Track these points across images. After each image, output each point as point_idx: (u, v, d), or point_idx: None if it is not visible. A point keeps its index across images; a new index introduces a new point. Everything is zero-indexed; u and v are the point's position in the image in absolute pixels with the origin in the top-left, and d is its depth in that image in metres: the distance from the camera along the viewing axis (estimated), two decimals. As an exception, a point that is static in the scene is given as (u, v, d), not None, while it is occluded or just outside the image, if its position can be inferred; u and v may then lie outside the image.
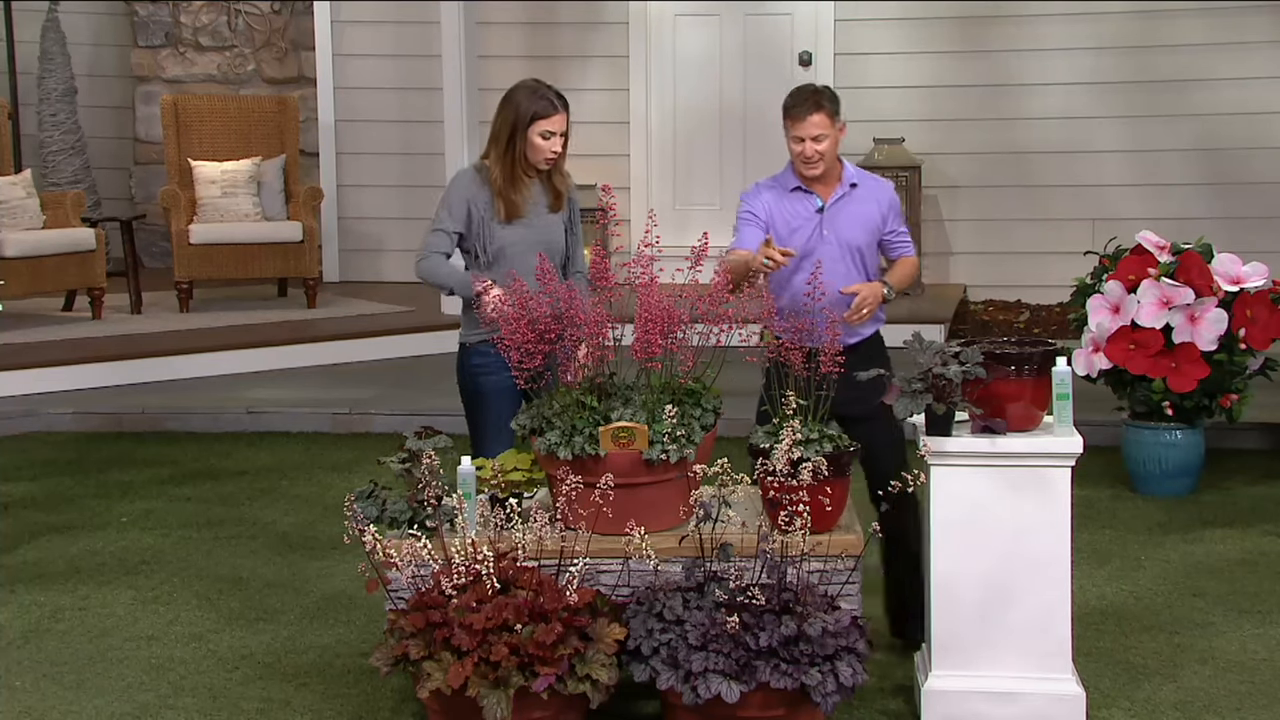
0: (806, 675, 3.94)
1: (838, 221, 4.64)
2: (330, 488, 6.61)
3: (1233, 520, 6.02)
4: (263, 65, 10.99)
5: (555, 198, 4.91)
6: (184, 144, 9.73)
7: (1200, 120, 9.54)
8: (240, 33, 11.00)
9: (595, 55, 10.34)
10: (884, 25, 9.94)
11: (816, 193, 4.64)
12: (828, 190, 4.65)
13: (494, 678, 3.94)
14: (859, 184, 4.68)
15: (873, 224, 4.68)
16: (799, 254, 4.55)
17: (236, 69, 11.02)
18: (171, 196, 9.44)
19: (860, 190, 4.67)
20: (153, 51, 11.12)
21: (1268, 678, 4.49)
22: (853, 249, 4.65)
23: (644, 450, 4.23)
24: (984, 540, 4.17)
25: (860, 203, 4.66)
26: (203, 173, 9.57)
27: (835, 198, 4.64)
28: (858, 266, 4.68)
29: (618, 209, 4.87)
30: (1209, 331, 6.15)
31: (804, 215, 4.64)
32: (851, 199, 4.65)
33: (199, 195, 9.53)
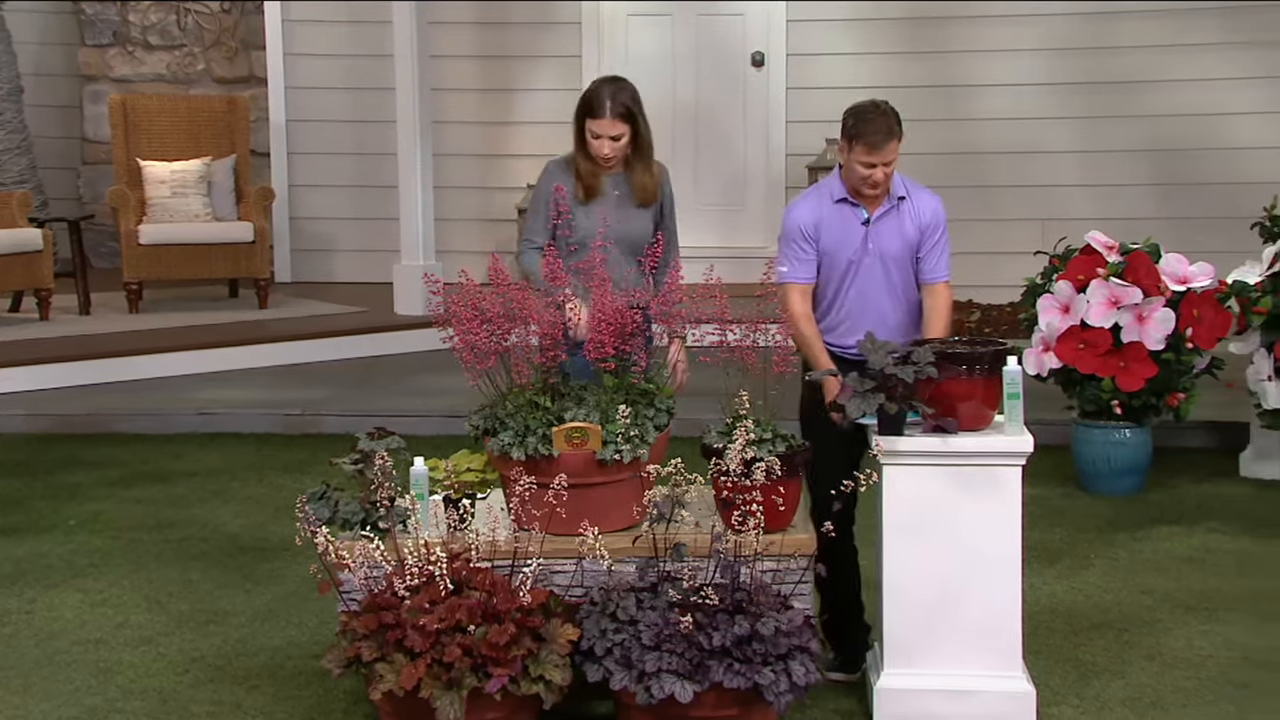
0: (759, 674, 3.95)
1: (881, 235, 4.55)
2: (282, 489, 6.57)
3: (1180, 518, 6.08)
4: (212, 64, 10.91)
5: (640, 191, 4.78)
6: (132, 144, 9.65)
7: (1148, 121, 9.63)
8: (190, 32, 10.91)
9: (547, 55, 10.33)
10: (836, 26, 9.98)
11: (864, 204, 4.55)
12: (875, 203, 4.54)
13: (447, 679, 3.93)
14: (906, 197, 4.57)
15: (910, 239, 4.57)
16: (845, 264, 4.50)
17: (186, 68, 10.93)
18: (120, 196, 9.36)
19: (906, 204, 4.56)
20: (100, 50, 11.01)
21: (1214, 674, 4.54)
22: (893, 261, 4.56)
23: (598, 450, 4.23)
24: (935, 539, 4.19)
25: (904, 216, 4.56)
26: (152, 173, 9.49)
27: (881, 211, 4.54)
28: (900, 277, 4.58)
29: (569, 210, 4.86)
30: (1157, 331, 6.21)
31: (851, 227, 4.53)
32: (897, 213, 4.55)
33: (148, 195, 9.45)
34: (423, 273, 7.40)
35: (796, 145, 9.97)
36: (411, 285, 8.96)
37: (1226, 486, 6.50)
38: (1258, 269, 6.41)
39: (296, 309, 9.61)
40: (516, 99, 10.39)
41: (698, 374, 4.49)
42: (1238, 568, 5.48)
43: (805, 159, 9.79)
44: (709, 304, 4.39)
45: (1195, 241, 7.48)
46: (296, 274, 10.65)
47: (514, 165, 10.32)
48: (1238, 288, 6.37)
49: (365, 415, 7.24)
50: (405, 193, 9.27)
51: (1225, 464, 6.70)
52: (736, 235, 10.18)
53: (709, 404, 4.58)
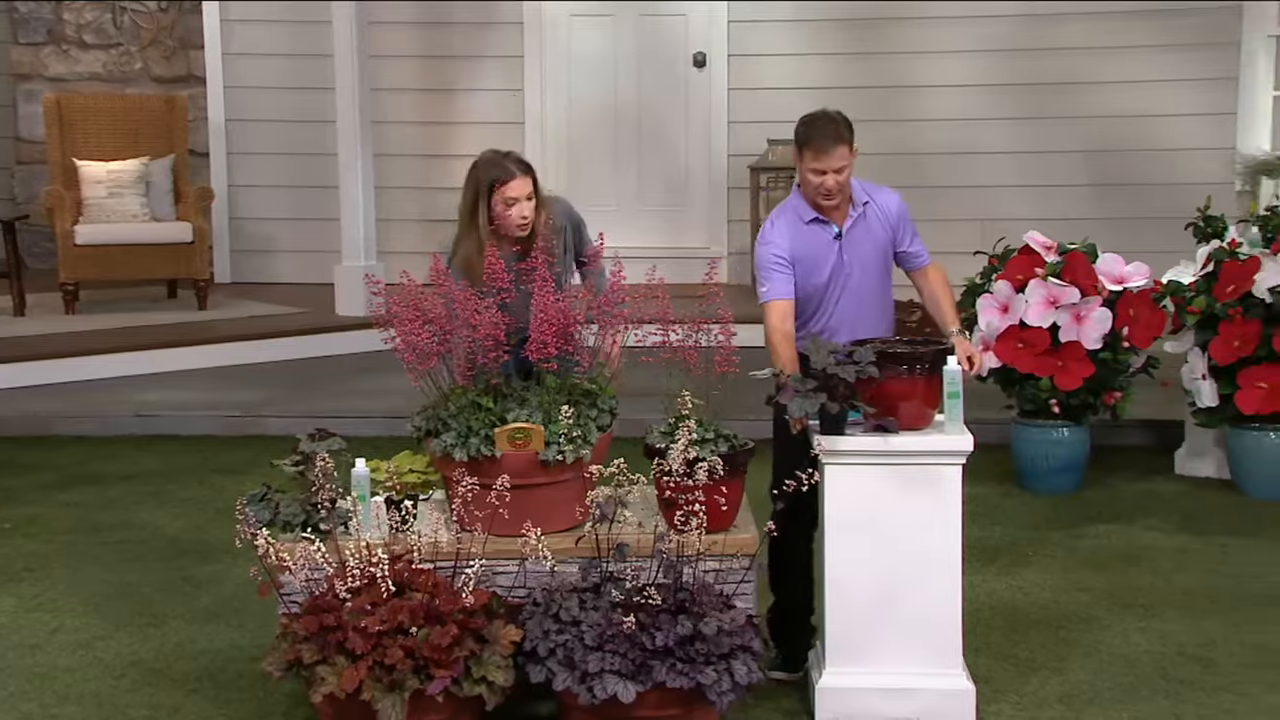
0: (702, 674, 3.96)
1: (854, 245, 4.59)
2: (222, 491, 6.52)
3: (1116, 515, 6.14)
4: (150, 63, 10.81)
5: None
6: (68, 143, 9.54)
7: (1085, 123, 9.74)
8: (126, 30, 10.80)
9: (489, 55, 10.31)
10: (777, 27, 10.03)
11: (832, 219, 4.57)
12: (842, 215, 4.57)
13: (389, 681, 3.92)
14: (869, 201, 4.61)
15: (884, 243, 4.63)
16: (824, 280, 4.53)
17: (123, 67, 10.82)
18: (56, 197, 9.25)
19: (870, 208, 4.61)
20: (34, 49, 10.88)
21: (1150, 670, 4.59)
22: (869, 266, 4.61)
23: (540, 451, 4.23)
24: (877, 538, 4.21)
25: (872, 221, 4.60)
26: (88, 172, 9.39)
27: (850, 223, 4.57)
28: (877, 280, 4.64)
29: (512, 209, 4.85)
30: (1094, 330, 6.27)
31: (824, 244, 4.57)
32: (864, 219, 4.59)
33: (84, 195, 9.35)
34: (364, 273, 7.40)
35: (738, 146, 10.01)
36: (353, 286, 8.91)
37: (1162, 484, 6.58)
38: (1192, 269, 6.49)
39: (236, 310, 9.54)
40: (458, 99, 10.37)
41: (641, 374, 4.49)
42: (1173, 564, 5.55)
43: (747, 159, 9.82)
44: (651, 304, 4.39)
45: (1131, 241, 7.55)
46: (236, 275, 10.58)
47: (456, 166, 10.19)
48: (1172, 287, 6.45)
49: (306, 417, 7.19)
50: (346, 193, 9.22)
51: (1160, 462, 6.78)
52: (679, 236, 10.20)
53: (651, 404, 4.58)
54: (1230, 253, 6.34)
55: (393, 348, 4.38)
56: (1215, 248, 6.42)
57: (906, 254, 4.70)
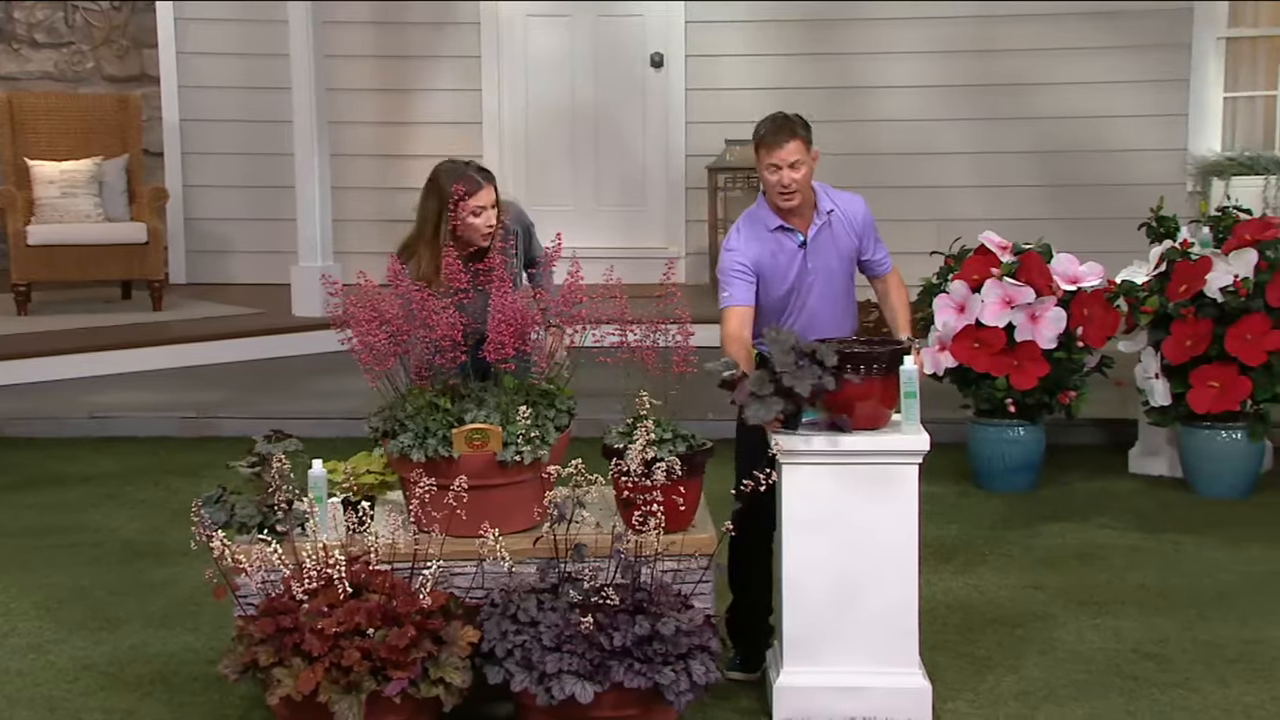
0: (660, 674, 3.96)
1: (819, 253, 4.60)
2: (177, 493, 6.48)
3: (1071, 514, 6.19)
4: (103, 63, 10.72)
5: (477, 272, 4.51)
6: (20, 143, 9.46)
7: (1038, 123, 9.82)
8: (78, 29, 10.71)
9: (446, 55, 10.29)
10: (734, 27, 10.05)
11: (796, 228, 4.58)
12: (805, 223, 4.59)
13: (345, 683, 3.90)
14: (834, 209, 4.63)
15: (849, 251, 4.66)
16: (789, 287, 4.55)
17: (75, 66, 10.72)
18: (7, 196, 9.17)
19: (836, 215, 4.63)
20: (-15, 47, 10.79)
21: (1104, 667, 4.63)
22: (834, 273, 4.63)
23: (498, 452, 4.22)
24: (834, 537, 4.22)
25: (838, 229, 4.62)
26: (41, 172, 9.31)
27: (815, 230, 4.59)
28: (841, 287, 4.67)
29: (469, 210, 4.85)
30: (1049, 330, 6.32)
31: (788, 253, 4.58)
32: (829, 227, 4.61)
33: (37, 195, 9.27)
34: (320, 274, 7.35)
35: (696, 146, 10.02)
36: (309, 286, 8.88)
37: (1116, 482, 6.63)
38: (1145, 269, 6.55)
39: (192, 310, 9.48)
40: (415, 99, 10.34)
41: (598, 375, 4.49)
42: (1127, 562, 5.59)
43: (705, 160, 9.84)
44: (609, 304, 4.40)
45: (1085, 241, 7.62)
46: (192, 275, 10.52)
47: (413, 166, 10.23)
48: (1126, 287, 6.51)
49: (262, 418, 7.14)
50: (302, 193, 9.18)
51: (1114, 460, 6.84)
52: (636, 236, 10.21)
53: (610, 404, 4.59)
54: (1182, 253, 6.40)
55: (349, 349, 4.36)
56: (1168, 248, 6.48)
57: (870, 261, 4.75)
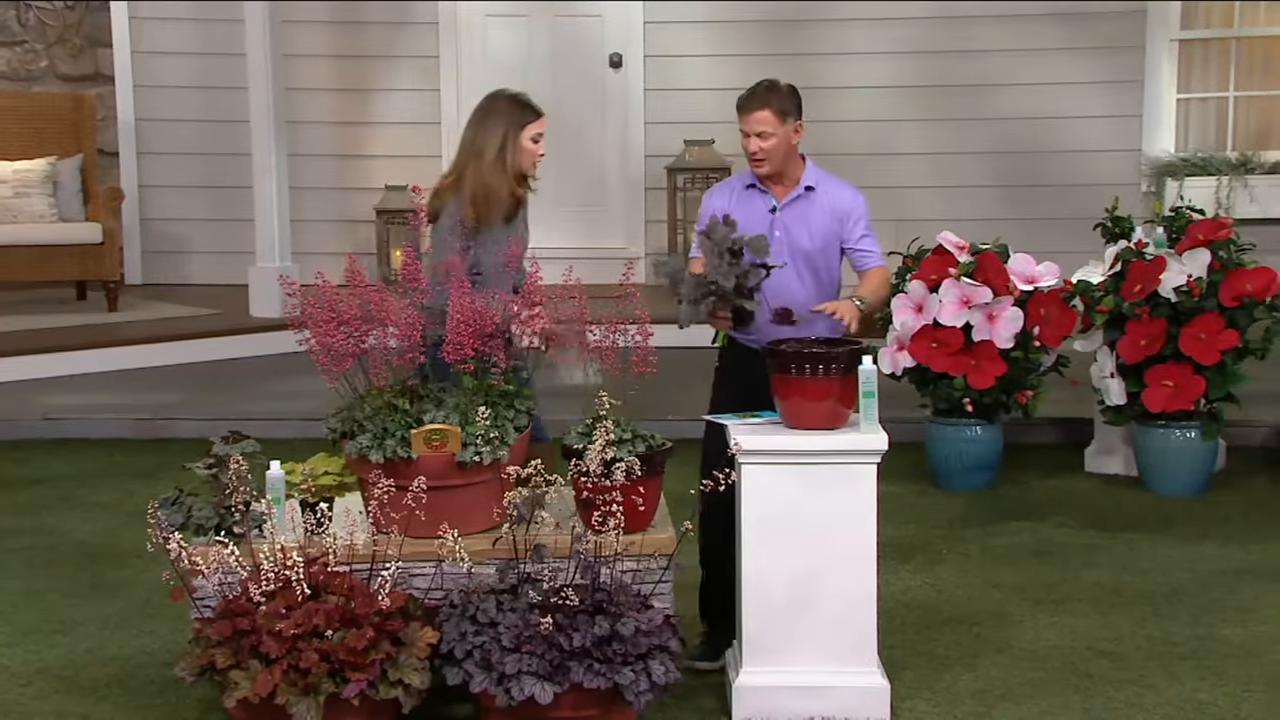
0: (619, 675, 3.96)
1: (789, 223, 4.56)
2: (133, 495, 6.43)
3: (1028, 513, 6.23)
4: (56, 61, 10.62)
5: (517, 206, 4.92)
6: (-28, 143, 9.39)
7: (995, 124, 9.88)
8: (31, 28, 10.61)
9: (404, 55, 10.26)
10: (693, 27, 10.07)
11: (772, 192, 4.57)
12: (783, 191, 4.57)
13: (303, 685, 3.88)
14: (816, 187, 4.58)
15: (824, 232, 4.58)
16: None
17: (28, 65, 10.62)
18: (-39, 196, 9.08)
19: (817, 194, 4.58)
20: (-63, 46, 10.68)
21: (1060, 665, 4.66)
22: (801, 254, 4.57)
23: (457, 452, 4.21)
24: (792, 537, 4.24)
25: (814, 207, 4.57)
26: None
27: (789, 199, 4.57)
28: (807, 272, 4.60)
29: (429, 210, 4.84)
30: (1006, 330, 6.35)
31: (758, 214, 4.55)
32: (806, 202, 4.57)
33: (-10, 195, 9.19)
34: (278, 274, 7.32)
35: (655, 146, 10.03)
36: (267, 287, 8.83)
37: (1072, 481, 6.68)
38: (1100, 269, 6.59)
39: (148, 311, 9.41)
40: (373, 99, 10.31)
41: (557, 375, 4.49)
42: (1083, 560, 5.63)
43: (664, 160, 9.85)
44: (568, 305, 4.39)
45: (1041, 241, 7.68)
46: (148, 276, 10.45)
47: (371, 166, 10.23)
48: (1082, 287, 6.55)
49: (220, 419, 7.11)
50: (260, 194, 9.14)
51: (1071, 459, 6.89)
52: (596, 236, 10.21)
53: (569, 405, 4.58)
54: (1137, 253, 6.45)
55: (307, 349, 4.34)
56: (1123, 248, 6.53)
57: (854, 250, 4.65)
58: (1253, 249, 6.50)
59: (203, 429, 6.77)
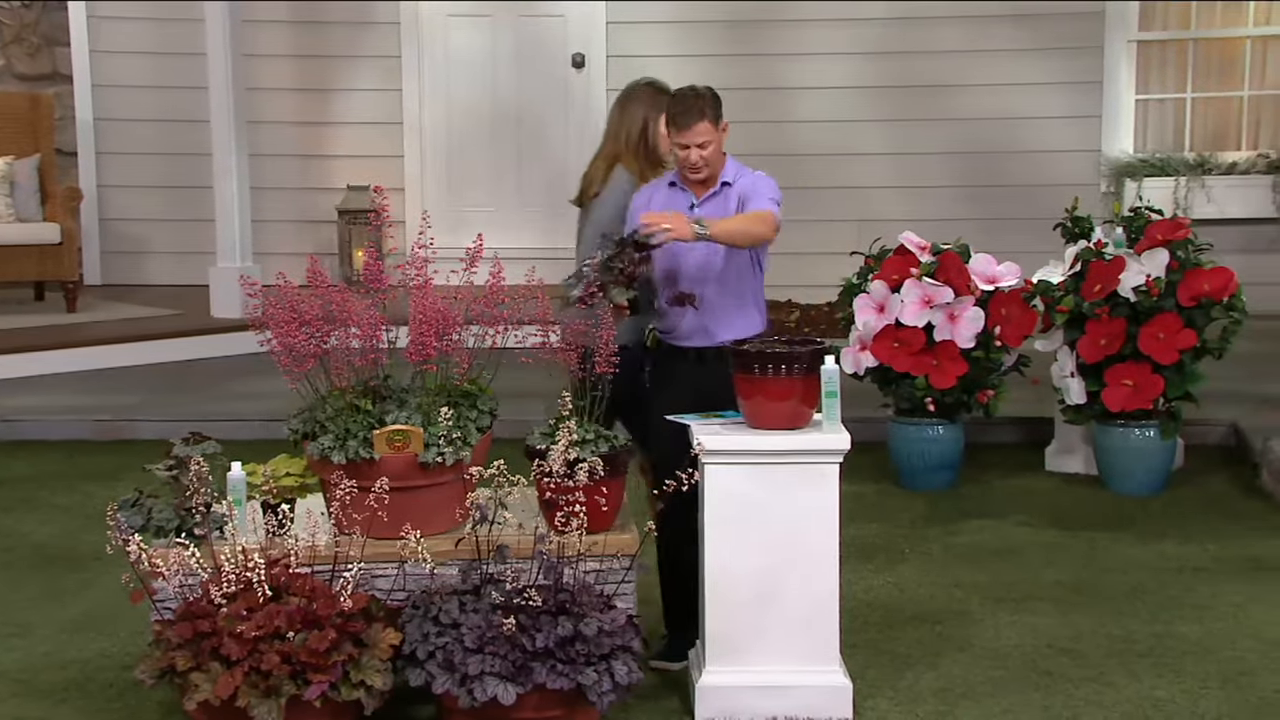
0: (582, 675, 3.96)
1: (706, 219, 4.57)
2: (92, 497, 6.39)
3: (989, 511, 6.26)
4: (13, 61, 10.53)
5: None
6: (-73, 142, 9.30)
7: (956, 124, 9.93)
8: (-13, 27, 10.53)
9: (366, 55, 10.23)
10: (656, 28, 10.07)
11: (693, 191, 4.59)
12: (702, 190, 4.59)
13: (265, 687, 3.87)
14: (733, 182, 4.61)
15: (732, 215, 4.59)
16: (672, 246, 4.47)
17: (-16, 64, 10.56)
18: (-83, 195, 9.00)
19: (733, 187, 4.60)
20: (-107, 45, 10.58)
21: (1021, 663, 4.69)
22: (719, 248, 4.54)
23: (419, 453, 4.20)
24: (755, 536, 4.24)
25: (730, 200, 4.59)
26: (-49, 171, 9.15)
27: (707, 195, 4.58)
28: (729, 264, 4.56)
29: (391, 210, 4.83)
30: (967, 329, 6.38)
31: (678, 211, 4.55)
32: (723, 197, 4.59)
33: (-53, 195, 9.11)
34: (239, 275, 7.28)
35: (614, 146, 10.01)
36: (228, 288, 8.79)
37: (1032, 480, 6.71)
38: (1060, 269, 6.63)
39: (107, 312, 9.35)
40: (335, 99, 10.27)
41: (520, 376, 4.49)
42: (1044, 559, 5.66)
43: (626, 160, 9.83)
44: (531, 305, 4.39)
45: (1002, 241, 7.71)
46: (107, 277, 10.38)
47: (333, 166, 10.19)
48: (1042, 287, 6.58)
49: (180, 420, 7.06)
50: (221, 194, 9.09)
51: (1031, 458, 6.92)
52: (558, 237, 10.15)
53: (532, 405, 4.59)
54: (1096, 253, 6.49)
55: (269, 350, 4.33)
56: (1082, 248, 6.56)
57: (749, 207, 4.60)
58: (1210, 249, 6.55)
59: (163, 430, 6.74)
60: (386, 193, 4.82)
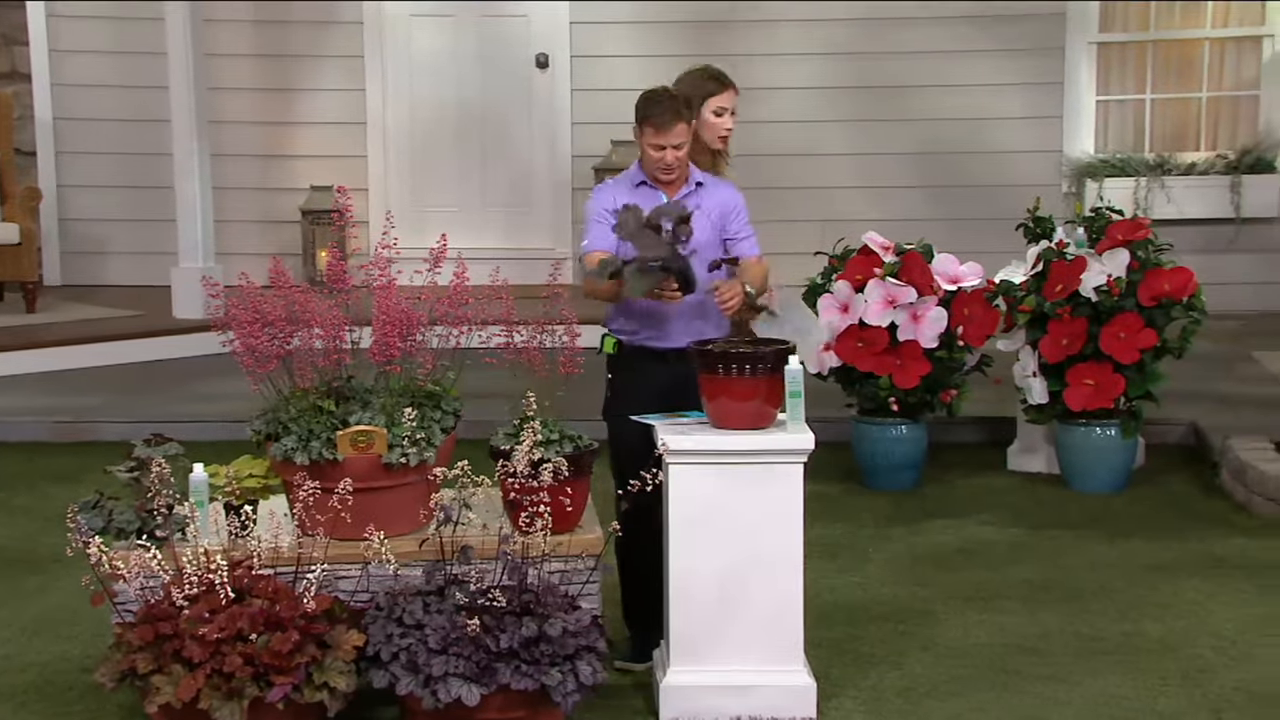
0: (547, 675, 3.96)
1: None
2: (52, 499, 6.33)
3: (953, 511, 6.28)
4: (-29, 59, 10.47)
5: None
6: (-115, 141, 9.21)
7: (920, 125, 9.97)
8: (-55, 25, 10.44)
9: (329, 55, 10.19)
10: (620, 28, 10.07)
11: (664, 190, 4.59)
12: (673, 189, 4.60)
13: (227, 689, 3.85)
14: (705, 184, 4.64)
15: (711, 225, 4.61)
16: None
17: (-59, 63, 10.46)
18: (-126, 196, 8.91)
19: (704, 190, 4.63)
20: None
21: (984, 662, 4.71)
22: (698, 244, 4.53)
23: (383, 454, 4.19)
24: (719, 537, 4.24)
25: (703, 200, 4.59)
26: (-92, 170, 9.06)
27: (680, 195, 4.59)
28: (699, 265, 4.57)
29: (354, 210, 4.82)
30: (930, 329, 6.41)
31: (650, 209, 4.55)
32: (696, 197, 4.59)
33: (-96, 194, 9.03)
34: (201, 275, 7.25)
35: (582, 147, 10.02)
36: (190, 288, 8.73)
37: (995, 479, 6.74)
38: (1022, 269, 6.67)
39: (67, 313, 9.28)
40: (298, 99, 10.22)
41: (484, 376, 4.47)
42: (1006, 558, 5.69)
43: (591, 160, 9.84)
44: (495, 305, 4.38)
45: (965, 241, 7.74)
46: (67, 277, 10.31)
47: (296, 166, 10.15)
48: (1004, 287, 6.62)
49: (142, 422, 7.01)
50: (182, 194, 9.04)
51: (994, 457, 6.95)
52: (522, 237, 10.18)
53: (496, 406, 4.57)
54: (1058, 253, 6.53)
55: (231, 351, 4.31)
56: (1044, 248, 6.60)
57: (735, 240, 4.66)
58: (1170, 249, 6.59)
59: (124, 432, 6.71)
60: (350, 193, 4.80)
